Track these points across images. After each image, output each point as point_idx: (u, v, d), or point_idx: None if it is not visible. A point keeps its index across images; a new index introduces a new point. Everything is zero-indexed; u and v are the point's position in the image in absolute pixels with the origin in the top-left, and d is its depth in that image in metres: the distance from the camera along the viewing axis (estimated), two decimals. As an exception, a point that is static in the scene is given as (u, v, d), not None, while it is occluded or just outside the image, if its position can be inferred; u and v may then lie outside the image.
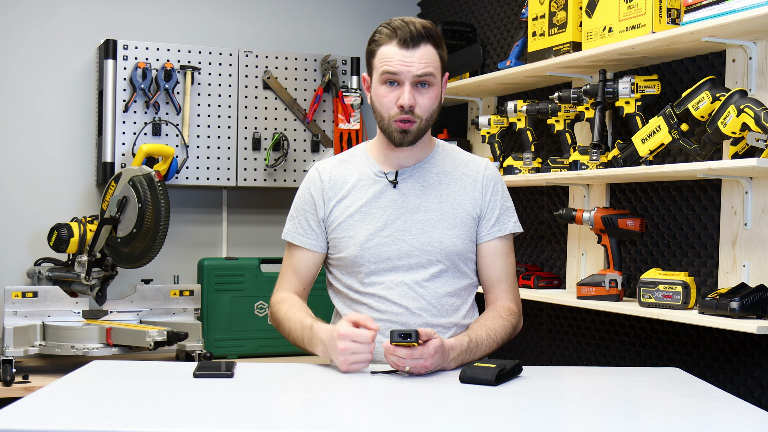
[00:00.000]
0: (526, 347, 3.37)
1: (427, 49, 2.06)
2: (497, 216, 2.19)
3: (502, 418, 1.63)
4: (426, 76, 2.06)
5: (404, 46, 2.05)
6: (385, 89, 2.08)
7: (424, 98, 2.07)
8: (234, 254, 3.93)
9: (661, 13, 2.53)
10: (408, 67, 2.04)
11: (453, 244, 2.14)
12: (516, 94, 3.44)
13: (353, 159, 2.23)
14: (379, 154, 2.19)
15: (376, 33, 2.11)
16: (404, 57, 2.04)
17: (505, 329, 2.12)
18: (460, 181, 2.19)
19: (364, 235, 2.13)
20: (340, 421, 1.57)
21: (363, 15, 4.13)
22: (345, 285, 2.18)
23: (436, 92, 2.10)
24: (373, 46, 2.11)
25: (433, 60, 2.07)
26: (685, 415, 1.67)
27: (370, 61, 2.12)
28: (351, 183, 2.18)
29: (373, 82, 2.12)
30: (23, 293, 3.23)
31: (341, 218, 2.15)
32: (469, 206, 2.17)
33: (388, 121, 2.09)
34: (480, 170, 2.21)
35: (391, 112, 2.08)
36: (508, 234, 2.20)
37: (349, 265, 2.15)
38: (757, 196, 2.40)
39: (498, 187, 2.21)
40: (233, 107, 3.78)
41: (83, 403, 1.65)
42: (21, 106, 3.67)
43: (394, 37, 2.06)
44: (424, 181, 2.17)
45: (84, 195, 3.74)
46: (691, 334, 2.63)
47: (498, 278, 2.19)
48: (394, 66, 2.05)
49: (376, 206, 2.14)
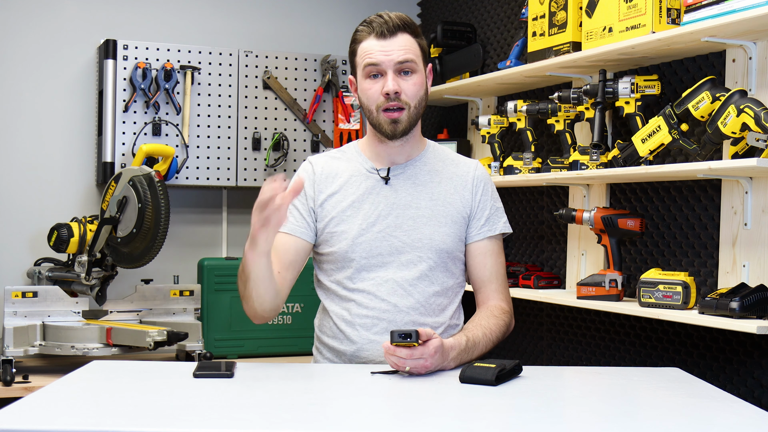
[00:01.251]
0: (526, 347, 3.37)
1: (405, 38, 2.10)
2: (487, 216, 2.21)
3: (502, 418, 1.63)
4: (407, 62, 2.09)
5: (381, 37, 2.09)
6: (369, 82, 2.11)
7: (409, 84, 2.10)
8: (234, 254, 3.93)
9: (661, 13, 2.53)
10: (388, 55, 2.08)
11: (443, 242, 2.15)
12: (516, 94, 3.44)
13: (345, 156, 2.24)
14: (371, 152, 2.21)
15: (354, 33, 2.16)
16: (383, 47, 2.08)
17: (500, 328, 2.13)
18: (451, 180, 2.20)
19: (356, 230, 2.13)
20: (341, 421, 1.57)
21: (363, 15, 4.09)
22: (334, 281, 2.18)
23: (421, 79, 2.13)
24: (354, 45, 2.15)
25: (413, 47, 2.11)
26: (685, 415, 1.67)
27: (353, 61, 2.16)
28: (343, 178, 2.18)
29: (359, 79, 2.15)
30: (23, 293, 3.23)
31: (333, 213, 2.16)
32: (459, 205, 2.19)
33: (376, 113, 2.11)
34: (470, 170, 2.23)
35: (378, 101, 2.10)
36: (498, 234, 2.23)
37: (340, 260, 2.15)
38: (757, 196, 2.40)
39: (488, 188, 2.23)
40: (233, 107, 3.78)
41: (83, 403, 1.65)
42: (21, 106, 3.67)
43: (371, 31, 2.10)
44: (416, 179, 2.18)
45: (84, 195, 3.74)
46: (691, 334, 2.63)
47: (489, 277, 2.21)
48: (374, 57, 2.08)
49: (368, 202, 2.15)
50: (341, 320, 2.15)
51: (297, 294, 3.71)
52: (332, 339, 2.17)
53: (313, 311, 2.30)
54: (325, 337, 2.20)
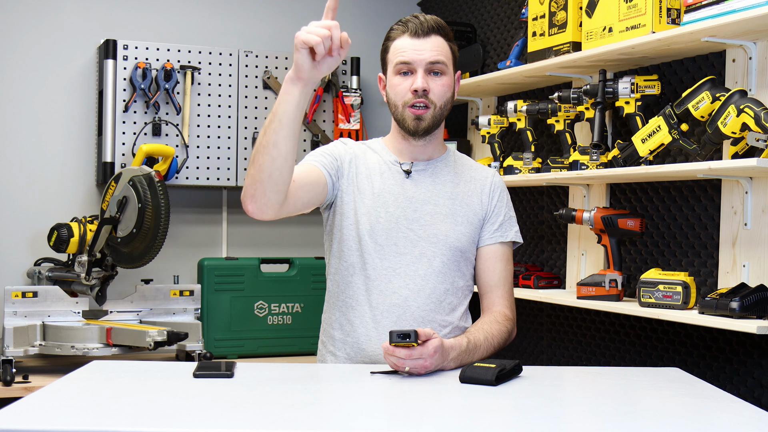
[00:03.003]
0: (526, 347, 3.37)
1: (438, 40, 2.14)
2: (501, 222, 2.24)
3: (502, 418, 1.63)
4: (438, 63, 2.12)
5: (415, 36, 2.13)
6: (399, 78, 2.14)
7: (437, 84, 2.13)
8: (234, 254, 3.93)
9: (661, 13, 2.53)
10: (420, 54, 2.11)
11: (458, 240, 2.17)
12: (516, 94, 3.44)
13: (371, 147, 2.27)
14: (394, 148, 2.24)
15: (389, 31, 2.19)
16: (416, 46, 2.12)
17: (502, 335, 2.14)
18: (470, 183, 2.24)
19: (374, 218, 2.14)
20: (340, 421, 1.57)
21: (364, 15, 4.13)
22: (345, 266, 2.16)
23: (449, 81, 2.16)
24: (387, 42, 2.19)
25: (444, 50, 2.14)
26: (685, 415, 1.67)
27: (385, 58, 2.19)
28: (369, 165, 2.21)
29: (389, 76, 2.18)
30: (23, 293, 3.23)
31: (355, 194, 2.17)
32: (476, 207, 2.22)
33: (402, 108, 2.14)
34: (488, 176, 2.28)
35: (405, 98, 2.13)
36: (509, 242, 2.25)
37: (354, 248, 2.15)
38: (757, 196, 2.40)
39: (504, 195, 2.28)
40: (233, 107, 3.78)
41: (83, 403, 1.65)
42: (21, 106, 3.67)
43: (406, 30, 2.15)
44: (436, 177, 2.21)
45: (84, 195, 3.74)
46: (691, 334, 2.63)
47: (496, 282, 2.22)
48: (407, 55, 2.12)
49: (389, 192, 2.17)
50: (350, 310, 2.16)
51: (297, 294, 3.74)
52: (338, 330, 2.18)
53: (313, 311, 2.31)
54: (330, 329, 2.20)
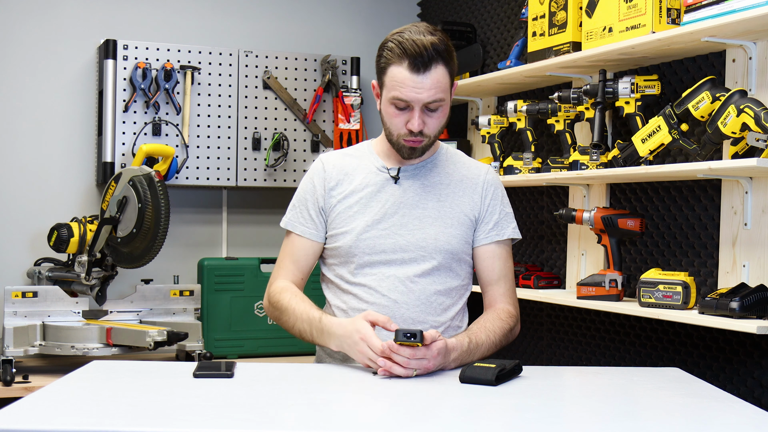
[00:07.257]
0: (526, 347, 3.37)
1: (438, 72, 2.04)
2: (496, 220, 2.21)
3: (502, 418, 1.63)
4: (436, 102, 2.06)
5: (416, 71, 2.02)
6: (394, 110, 2.08)
7: (433, 120, 2.09)
8: (234, 254, 3.93)
9: (661, 13, 2.53)
10: (419, 94, 2.03)
11: (448, 243, 2.15)
12: (516, 94, 3.44)
13: (357, 153, 2.26)
14: (383, 152, 2.23)
15: (386, 48, 2.07)
16: (415, 83, 2.03)
17: (504, 332, 2.13)
18: (461, 183, 2.21)
19: (362, 226, 2.14)
20: (340, 421, 1.57)
21: (363, 15, 4.13)
22: (336, 275, 2.19)
23: (446, 110, 2.12)
24: (383, 62, 2.08)
25: (444, 82, 2.06)
26: (685, 415, 1.67)
27: (381, 77, 2.10)
28: (353, 175, 2.20)
29: (383, 98, 2.11)
30: (23, 293, 3.23)
31: (340, 208, 2.17)
32: (467, 208, 2.19)
33: (396, 138, 2.12)
34: (481, 174, 2.24)
35: (400, 132, 2.10)
36: (506, 239, 2.23)
37: (343, 254, 2.16)
38: (757, 196, 2.40)
39: (498, 193, 2.23)
40: (233, 107, 3.78)
41: (83, 403, 1.65)
42: (21, 106, 3.67)
43: (404, 57, 2.02)
44: (425, 180, 2.19)
45: (84, 195, 3.74)
46: (691, 334, 2.63)
47: (496, 280, 2.21)
48: (404, 94, 2.03)
49: (376, 199, 2.16)
50: (340, 312, 2.16)
51: (297, 294, 3.73)
52: None
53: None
54: None
